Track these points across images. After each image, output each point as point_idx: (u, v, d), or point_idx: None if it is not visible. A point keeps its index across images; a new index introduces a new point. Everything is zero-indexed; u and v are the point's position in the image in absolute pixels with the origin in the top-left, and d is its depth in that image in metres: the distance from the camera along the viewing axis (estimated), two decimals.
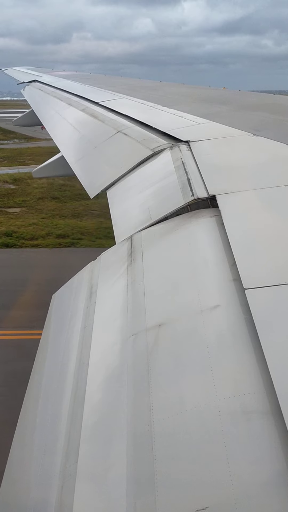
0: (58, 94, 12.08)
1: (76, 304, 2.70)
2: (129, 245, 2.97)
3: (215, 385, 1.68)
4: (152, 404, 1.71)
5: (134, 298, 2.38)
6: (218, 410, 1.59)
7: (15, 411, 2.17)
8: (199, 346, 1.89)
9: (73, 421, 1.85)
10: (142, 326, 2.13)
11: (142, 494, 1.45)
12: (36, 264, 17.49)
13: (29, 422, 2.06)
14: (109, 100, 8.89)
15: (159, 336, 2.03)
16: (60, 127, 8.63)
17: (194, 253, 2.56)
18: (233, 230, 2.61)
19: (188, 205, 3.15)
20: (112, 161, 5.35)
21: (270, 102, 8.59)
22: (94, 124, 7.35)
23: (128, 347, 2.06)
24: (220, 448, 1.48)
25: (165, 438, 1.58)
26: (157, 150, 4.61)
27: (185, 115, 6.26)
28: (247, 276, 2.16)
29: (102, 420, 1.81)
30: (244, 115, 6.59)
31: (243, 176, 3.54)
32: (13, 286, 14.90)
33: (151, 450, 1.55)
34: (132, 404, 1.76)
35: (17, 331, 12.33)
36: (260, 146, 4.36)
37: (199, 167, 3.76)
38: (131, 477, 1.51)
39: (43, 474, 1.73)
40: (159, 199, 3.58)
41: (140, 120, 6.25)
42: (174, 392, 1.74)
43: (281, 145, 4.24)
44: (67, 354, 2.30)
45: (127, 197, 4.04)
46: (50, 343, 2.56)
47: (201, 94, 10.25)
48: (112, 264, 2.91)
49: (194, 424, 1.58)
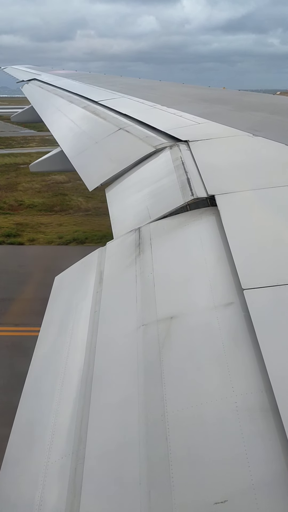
0: (58, 92, 12.10)
1: (84, 288, 2.75)
2: (137, 236, 3.01)
3: (231, 380, 1.69)
4: (166, 395, 1.72)
5: (143, 289, 2.40)
6: (236, 405, 1.59)
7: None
8: (214, 341, 1.89)
9: (82, 402, 1.86)
10: (153, 317, 2.15)
11: (156, 484, 1.44)
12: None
13: (31, 404, 2.06)
14: (109, 99, 8.89)
15: (171, 329, 2.04)
16: (60, 123, 8.67)
17: (205, 249, 2.57)
18: (232, 231, 2.61)
19: (188, 204, 3.15)
20: (113, 156, 5.38)
21: (270, 102, 8.60)
22: (95, 121, 7.38)
23: (138, 336, 2.07)
24: (238, 442, 1.47)
25: (180, 429, 1.58)
26: (160, 147, 4.62)
27: (185, 115, 6.26)
28: (245, 277, 2.16)
29: (111, 403, 1.82)
30: (244, 115, 6.59)
31: (242, 176, 3.54)
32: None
33: (165, 440, 1.56)
34: (144, 393, 1.77)
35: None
36: (259, 146, 4.36)
37: (198, 167, 3.76)
38: (144, 466, 1.51)
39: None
40: (158, 198, 3.59)
41: (140, 120, 6.25)
42: (188, 385, 1.74)
43: (280, 145, 4.24)
44: (75, 336, 2.33)
45: (126, 195, 4.05)
46: (56, 323, 2.60)
47: (201, 94, 10.25)
48: (120, 253, 2.95)
49: (211, 417, 1.59)
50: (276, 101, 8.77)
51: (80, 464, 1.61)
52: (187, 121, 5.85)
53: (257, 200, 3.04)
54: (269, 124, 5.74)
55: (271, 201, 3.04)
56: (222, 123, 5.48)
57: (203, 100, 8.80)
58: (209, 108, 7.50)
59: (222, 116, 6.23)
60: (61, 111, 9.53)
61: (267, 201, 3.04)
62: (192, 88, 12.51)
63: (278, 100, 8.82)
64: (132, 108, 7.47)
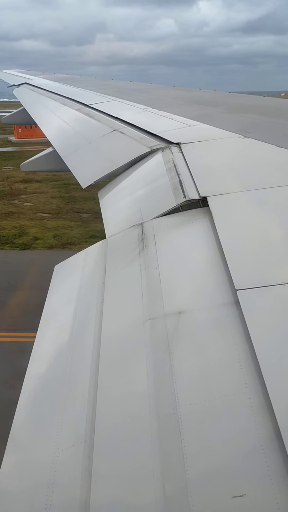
0: (49, 95, 12.10)
1: (86, 279, 2.80)
2: (140, 231, 3.05)
3: (244, 377, 1.69)
4: (177, 388, 1.72)
5: (149, 283, 2.43)
6: (250, 401, 1.60)
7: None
8: (225, 337, 1.90)
9: (89, 388, 1.87)
10: (160, 312, 2.17)
11: (171, 477, 1.44)
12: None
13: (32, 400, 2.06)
14: (100, 103, 8.90)
15: (180, 323, 2.06)
16: (52, 124, 8.70)
17: (210, 247, 2.59)
18: (224, 233, 2.64)
19: (180, 206, 3.18)
20: (108, 155, 5.43)
21: (259, 104, 8.66)
22: (88, 122, 7.42)
23: (145, 330, 2.09)
24: (255, 438, 1.48)
25: (194, 423, 1.59)
26: (156, 148, 4.67)
27: (176, 117, 6.29)
28: (238, 278, 2.19)
29: (119, 394, 1.83)
30: (234, 117, 6.63)
31: (234, 177, 3.57)
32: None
33: (179, 433, 1.56)
34: (154, 386, 1.77)
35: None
36: (250, 147, 4.40)
37: (190, 169, 3.78)
38: (157, 459, 1.51)
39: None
40: (151, 200, 3.61)
41: (131, 122, 6.28)
42: (199, 379, 1.75)
43: (271, 146, 4.28)
44: (79, 326, 2.36)
45: (119, 197, 4.07)
46: (57, 312, 2.64)
47: (192, 96, 10.30)
48: (123, 247, 3.00)
49: (225, 412, 1.59)
50: (266, 102, 8.83)
51: (89, 454, 1.61)
52: (178, 123, 5.88)
53: (249, 201, 3.07)
54: (260, 125, 5.78)
55: (263, 202, 3.07)
56: (213, 125, 5.51)
57: (194, 102, 8.84)
58: (200, 110, 7.54)
59: (213, 118, 6.26)
60: (54, 112, 9.56)
61: (259, 202, 3.07)
62: (183, 91, 12.56)
63: (267, 102, 8.88)
64: (123, 111, 7.50)
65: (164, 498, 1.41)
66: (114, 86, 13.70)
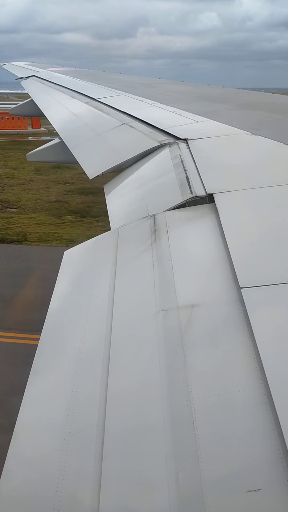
0: (58, 88, 12.09)
1: (97, 267, 2.82)
2: (152, 223, 3.05)
3: (258, 371, 1.69)
4: (190, 380, 1.72)
5: (161, 275, 2.43)
6: (265, 397, 1.59)
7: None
8: (239, 333, 1.89)
9: (101, 376, 1.87)
10: (173, 304, 2.17)
11: (184, 468, 1.44)
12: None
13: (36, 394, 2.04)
14: (108, 97, 8.89)
15: (193, 316, 2.05)
16: (61, 115, 8.73)
17: (220, 244, 2.58)
18: (230, 230, 2.62)
19: (186, 202, 3.17)
20: (116, 148, 5.44)
21: (268, 101, 8.60)
22: (97, 115, 7.45)
23: (158, 320, 2.09)
24: (270, 433, 1.47)
25: (208, 416, 1.58)
26: (165, 142, 4.67)
27: (184, 113, 6.27)
28: (243, 276, 2.18)
29: (130, 385, 1.83)
30: (243, 114, 6.60)
31: (241, 175, 3.55)
32: None
33: (192, 425, 1.56)
34: (167, 377, 1.77)
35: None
36: (258, 145, 4.37)
37: (197, 165, 3.77)
38: (171, 450, 1.50)
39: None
40: (157, 195, 3.62)
41: (138, 117, 6.26)
42: (214, 372, 1.74)
43: (279, 144, 4.25)
44: (90, 313, 2.36)
45: (125, 191, 4.07)
46: (67, 298, 2.65)
47: (200, 92, 10.25)
48: (135, 238, 3.00)
49: (240, 407, 1.59)
50: (275, 100, 8.77)
51: (99, 444, 1.61)
52: (186, 119, 5.86)
53: (256, 199, 3.06)
54: (268, 123, 5.75)
55: (270, 200, 3.05)
56: (221, 122, 5.48)
57: (203, 98, 8.80)
58: (208, 106, 7.50)
59: (221, 114, 6.23)
60: (62, 104, 9.59)
61: (266, 200, 3.05)
62: (191, 86, 12.50)
63: (276, 99, 8.82)
64: (131, 106, 7.49)
65: (177, 487, 1.40)
66: (122, 80, 13.66)
